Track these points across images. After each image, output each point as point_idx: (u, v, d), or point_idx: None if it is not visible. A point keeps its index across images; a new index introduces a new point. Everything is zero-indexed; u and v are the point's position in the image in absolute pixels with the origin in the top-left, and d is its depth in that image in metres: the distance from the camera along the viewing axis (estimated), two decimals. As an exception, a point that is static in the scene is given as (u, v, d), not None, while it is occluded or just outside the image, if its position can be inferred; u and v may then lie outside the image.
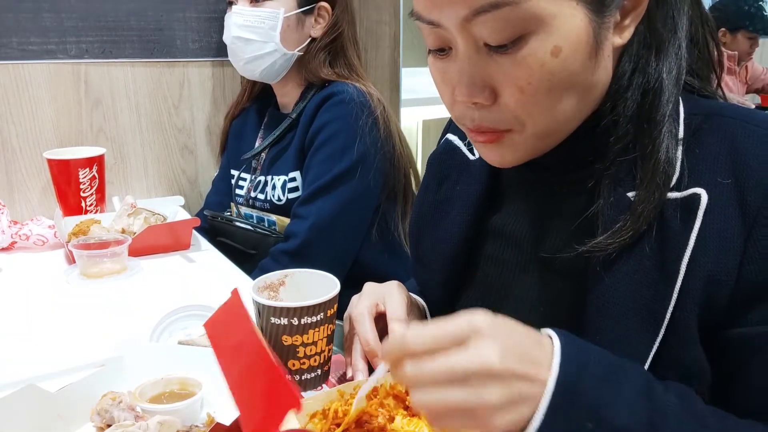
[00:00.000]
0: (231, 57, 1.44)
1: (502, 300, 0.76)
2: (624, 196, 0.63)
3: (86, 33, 1.48)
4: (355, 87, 1.38)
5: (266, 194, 1.46)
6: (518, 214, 0.76)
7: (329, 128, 1.34)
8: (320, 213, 1.33)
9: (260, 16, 1.34)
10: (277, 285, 0.79)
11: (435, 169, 0.86)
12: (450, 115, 0.69)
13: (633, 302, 0.61)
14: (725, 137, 0.61)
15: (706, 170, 0.60)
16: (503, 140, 0.64)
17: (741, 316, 0.59)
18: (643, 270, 0.61)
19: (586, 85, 0.62)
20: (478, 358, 0.47)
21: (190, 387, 0.71)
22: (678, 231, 0.59)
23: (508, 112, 0.61)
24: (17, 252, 1.29)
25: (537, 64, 0.58)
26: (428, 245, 0.84)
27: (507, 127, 0.63)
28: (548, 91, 0.59)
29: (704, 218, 0.59)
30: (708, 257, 0.58)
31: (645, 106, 0.64)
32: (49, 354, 0.88)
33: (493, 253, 0.77)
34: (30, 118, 1.46)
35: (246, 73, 1.44)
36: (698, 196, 0.59)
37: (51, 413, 0.65)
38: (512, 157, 0.66)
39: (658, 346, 0.60)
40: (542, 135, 0.64)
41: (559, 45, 0.57)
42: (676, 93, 0.64)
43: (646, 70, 0.65)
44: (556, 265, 0.70)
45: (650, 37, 0.64)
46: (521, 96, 0.59)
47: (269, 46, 1.36)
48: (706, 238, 0.58)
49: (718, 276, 0.58)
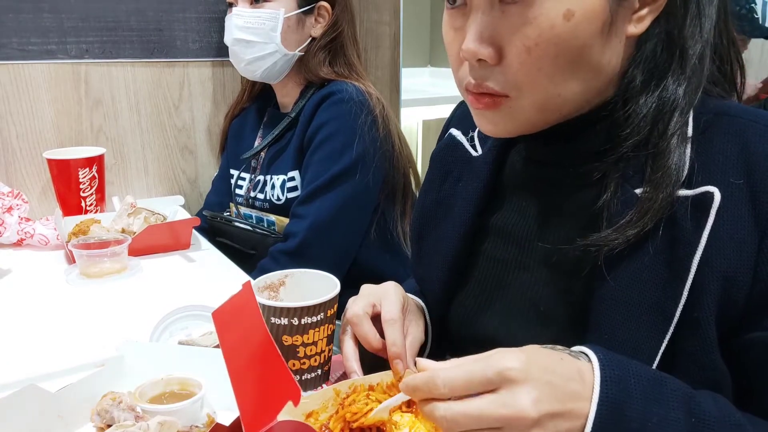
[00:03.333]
0: (232, 58, 1.44)
1: (501, 298, 0.75)
2: (632, 192, 0.62)
3: (86, 33, 1.48)
4: (354, 86, 1.38)
5: (265, 194, 1.46)
6: (519, 211, 0.76)
7: (328, 127, 1.34)
8: (319, 213, 1.33)
9: (260, 17, 1.34)
10: (277, 285, 0.79)
11: (438, 165, 0.86)
12: (449, 108, 0.70)
13: (641, 300, 0.61)
14: (736, 137, 0.61)
15: (718, 170, 0.60)
16: (501, 107, 0.64)
17: (760, 320, 0.58)
18: (651, 268, 0.61)
19: (592, 65, 0.62)
20: (512, 408, 0.47)
21: (191, 387, 0.71)
22: (689, 229, 0.59)
23: (510, 74, 0.61)
24: (24, 250, 1.29)
25: (547, 25, 0.58)
26: (429, 243, 0.83)
27: (506, 91, 0.62)
28: (555, 57, 0.59)
29: (717, 217, 0.58)
30: (722, 257, 0.58)
31: (662, 109, 0.63)
32: (49, 354, 0.88)
33: (494, 251, 0.77)
34: (30, 118, 1.46)
35: (247, 74, 1.44)
36: (711, 194, 0.59)
37: (51, 413, 0.65)
38: (507, 126, 0.66)
39: (672, 346, 0.59)
40: (540, 106, 0.63)
41: (572, 9, 0.57)
42: (693, 101, 0.63)
43: (665, 78, 0.63)
44: (558, 264, 0.70)
45: (670, 41, 0.63)
46: (527, 57, 0.59)
47: (270, 47, 1.36)
48: (719, 238, 0.58)
49: (734, 276, 0.57)
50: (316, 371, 0.74)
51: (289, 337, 0.71)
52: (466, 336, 0.79)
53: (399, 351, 0.70)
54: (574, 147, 0.68)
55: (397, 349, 0.70)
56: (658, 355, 0.59)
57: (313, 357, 0.73)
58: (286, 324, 0.71)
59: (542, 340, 0.70)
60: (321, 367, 0.75)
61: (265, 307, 0.72)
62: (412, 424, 0.66)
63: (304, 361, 0.73)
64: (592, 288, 0.64)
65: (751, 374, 0.60)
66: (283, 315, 0.71)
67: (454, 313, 0.80)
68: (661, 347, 0.59)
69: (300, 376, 0.73)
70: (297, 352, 0.72)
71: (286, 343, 0.72)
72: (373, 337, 0.73)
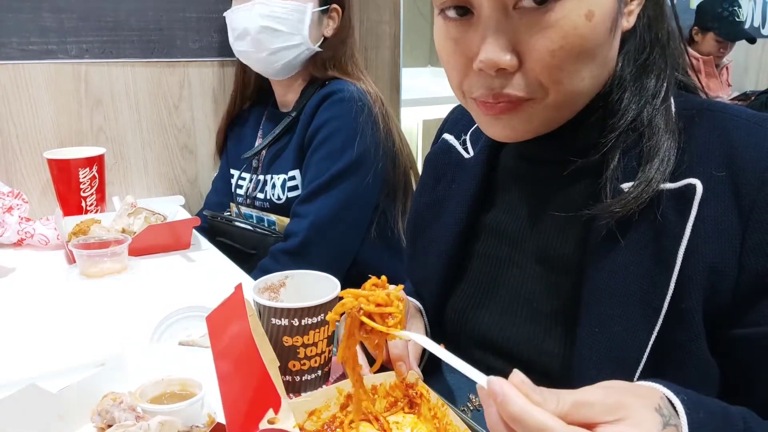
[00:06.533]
0: (253, 47, 1.39)
1: (494, 296, 0.76)
2: (632, 164, 0.64)
3: (86, 33, 1.48)
4: (355, 85, 1.39)
5: (266, 193, 1.46)
6: (511, 210, 0.76)
7: (329, 126, 1.35)
8: (319, 212, 1.33)
9: (288, 7, 1.34)
10: (277, 286, 0.79)
11: (431, 168, 0.87)
12: (449, 108, 0.70)
13: (630, 293, 0.62)
14: (717, 131, 0.63)
15: (700, 163, 0.61)
16: (520, 110, 0.63)
17: (748, 314, 0.59)
18: (638, 261, 0.62)
19: (603, 60, 0.63)
20: None
21: (191, 387, 0.71)
22: (673, 221, 0.60)
23: (532, 78, 0.60)
24: (24, 250, 1.29)
25: (571, 27, 0.57)
26: (424, 243, 0.84)
27: (529, 94, 0.61)
28: (577, 56, 0.59)
29: (700, 208, 0.59)
30: (706, 247, 0.59)
31: (648, 96, 0.65)
32: (49, 354, 0.88)
33: (487, 249, 0.78)
34: (30, 118, 1.46)
35: (264, 65, 1.42)
36: (693, 186, 0.60)
37: (52, 413, 0.65)
38: (525, 128, 0.65)
39: (662, 338, 0.60)
40: (560, 105, 0.63)
41: (592, 9, 0.58)
42: (671, 84, 0.66)
43: (650, 67, 0.66)
44: (548, 260, 0.71)
45: (651, 33, 0.66)
46: (551, 60, 0.59)
47: (296, 39, 1.37)
48: (703, 228, 0.59)
49: (719, 266, 0.58)
50: (316, 372, 0.75)
51: (290, 338, 0.71)
52: (462, 334, 0.79)
53: (401, 353, 0.70)
54: (566, 142, 0.69)
55: (399, 351, 0.70)
56: (648, 346, 0.60)
57: (314, 358, 0.73)
58: (287, 325, 0.71)
59: (535, 335, 0.71)
60: (321, 368, 0.75)
61: (265, 307, 0.72)
62: (414, 425, 0.66)
63: (305, 362, 0.73)
64: (581, 283, 0.65)
65: (746, 370, 0.61)
66: (283, 316, 0.71)
67: (450, 313, 0.81)
68: (651, 339, 0.60)
69: (300, 377, 0.74)
70: (297, 353, 0.72)
71: (286, 344, 0.72)
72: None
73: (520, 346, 0.72)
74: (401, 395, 0.69)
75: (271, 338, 0.71)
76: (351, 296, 0.59)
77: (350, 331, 0.60)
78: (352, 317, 0.59)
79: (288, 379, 0.73)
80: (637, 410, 0.45)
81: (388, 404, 0.68)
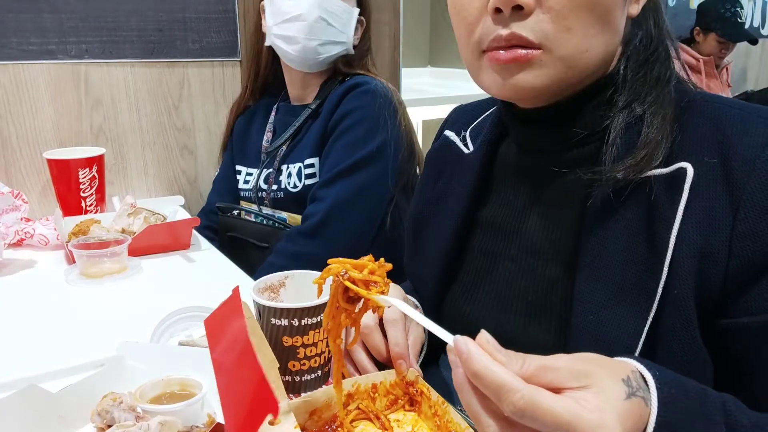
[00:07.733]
0: (305, 33, 1.38)
1: (489, 289, 0.77)
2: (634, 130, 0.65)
3: (86, 33, 1.48)
4: (379, 80, 1.45)
5: (280, 183, 1.46)
6: (506, 204, 0.77)
7: (354, 115, 1.39)
8: (339, 194, 1.36)
9: (341, 7, 1.41)
10: (277, 286, 0.79)
11: (432, 165, 0.88)
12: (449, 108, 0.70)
13: (623, 280, 0.62)
14: (711, 119, 0.64)
15: (692, 150, 0.62)
16: (531, 61, 0.63)
17: (739, 301, 0.59)
18: (631, 247, 0.62)
19: (613, 28, 0.64)
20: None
21: (191, 388, 0.71)
22: (665, 206, 0.61)
23: (546, 21, 0.61)
24: (24, 250, 1.29)
25: None
26: (424, 240, 0.85)
27: (540, 40, 0.62)
28: (593, 7, 0.61)
29: (691, 193, 0.60)
30: (697, 232, 0.59)
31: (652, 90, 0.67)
32: (49, 354, 0.88)
33: (483, 244, 0.79)
34: (30, 118, 1.46)
35: (307, 54, 1.40)
36: (684, 170, 0.61)
37: (51, 414, 0.65)
38: (534, 82, 0.65)
39: (656, 325, 0.60)
40: (569, 61, 0.64)
41: None
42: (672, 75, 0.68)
43: (655, 55, 0.68)
44: (540, 251, 0.72)
45: (656, 23, 0.69)
46: (567, 2, 0.60)
47: (342, 37, 1.42)
48: (695, 214, 0.60)
49: (710, 251, 0.59)
50: (316, 372, 0.74)
51: (289, 338, 0.71)
52: (457, 328, 0.79)
53: (401, 351, 0.70)
54: (566, 130, 0.70)
55: (400, 349, 0.70)
56: (643, 333, 0.60)
57: (314, 358, 0.73)
58: (286, 325, 0.71)
59: (530, 329, 0.71)
60: (321, 368, 0.75)
61: (265, 308, 0.72)
62: (415, 423, 0.66)
63: (305, 362, 0.73)
64: (575, 272, 0.66)
65: (737, 361, 0.61)
66: (283, 316, 0.71)
67: (446, 307, 0.82)
68: (646, 325, 0.60)
69: (300, 377, 0.73)
70: (297, 353, 0.72)
71: (286, 344, 0.72)
72: (384, 347, 0.73)
73: (514, 339, 0.72)
74: (401, 393, 0.69)
75: (270, 338, 0.71)
76: (338, 263, 0.60)
77: (334, 296, 0.60)
78: (337, 283, 0.59)
79: (288, 379, 0.73)
80: (602, 378, 0.45)
81: (389, 402, 0.69)
